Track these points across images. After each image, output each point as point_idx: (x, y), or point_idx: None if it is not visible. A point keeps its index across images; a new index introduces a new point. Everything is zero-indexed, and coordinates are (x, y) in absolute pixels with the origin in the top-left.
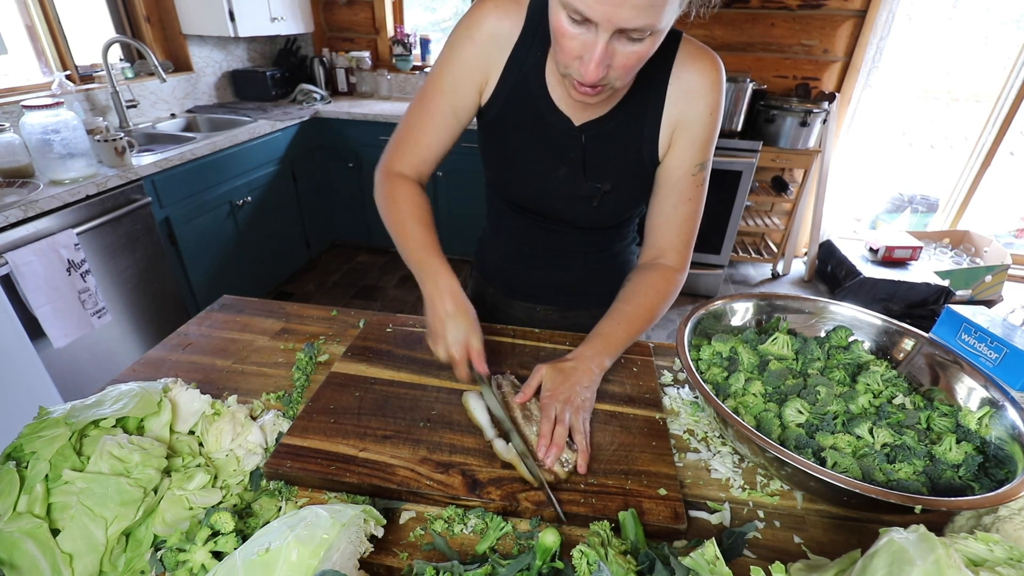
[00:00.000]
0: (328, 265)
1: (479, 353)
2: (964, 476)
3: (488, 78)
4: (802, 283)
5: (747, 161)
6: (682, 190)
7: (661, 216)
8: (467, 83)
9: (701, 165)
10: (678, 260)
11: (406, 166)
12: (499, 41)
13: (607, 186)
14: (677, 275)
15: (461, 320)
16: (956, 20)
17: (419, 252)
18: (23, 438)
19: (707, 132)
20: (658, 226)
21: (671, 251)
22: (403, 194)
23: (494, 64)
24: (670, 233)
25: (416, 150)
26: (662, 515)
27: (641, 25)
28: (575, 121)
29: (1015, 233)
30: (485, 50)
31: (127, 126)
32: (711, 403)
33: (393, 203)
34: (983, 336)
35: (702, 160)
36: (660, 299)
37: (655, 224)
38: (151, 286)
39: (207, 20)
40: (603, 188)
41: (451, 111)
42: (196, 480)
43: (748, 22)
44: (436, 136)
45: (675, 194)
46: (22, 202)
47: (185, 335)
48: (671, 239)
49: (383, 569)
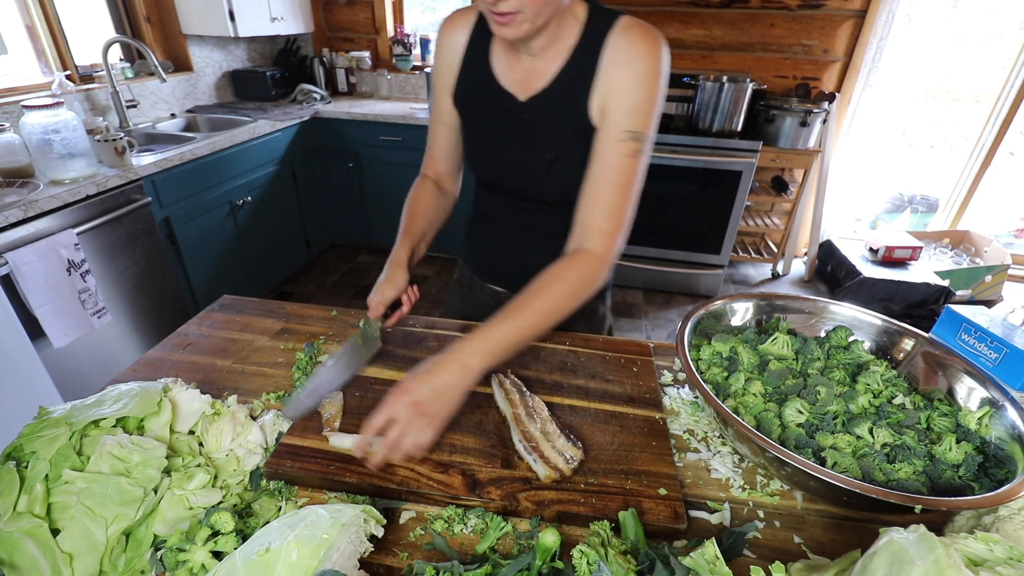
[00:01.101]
0: (328, 265)
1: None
2: (964, 476)
3: (451, 80)
4: (802, 283)
5: (747, 161)
6: (610, 157)
7: (588, 190)
8: (443, 93)
9: (631, 133)
10: (601, 244)
11: (428, 169)
12: (454, 48)
13: (550, 155)
14: (596, 263)
15: (385, 277)
16: (956, 20)
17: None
18: (23, 438)
19: (635, 99)
20: (585, 201)
21: (593, 231)
22: (413, 191)
23: (454, 67)
24: (596, 210)
25: (431, 156)
26: (662, 515)
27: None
28: (520, 97)
29: (1015, 233)
30: (446, 60)
31: (127, 126)
32: (711, 403)
33: (407, 200)
34: (983, 336)
35: (631, 127)
36: (568, 291)
37: (583, 200)
38: (151, 286)
39: (207, 20)
40: (547, 158)
41: (441, 121)
42: (196, 480)
43: (748, 22)
44: (436, 143)
45: (603, 161)
46: (22, 202)
47: (185, 335)
48: (595, 215)
49: (383, 569)
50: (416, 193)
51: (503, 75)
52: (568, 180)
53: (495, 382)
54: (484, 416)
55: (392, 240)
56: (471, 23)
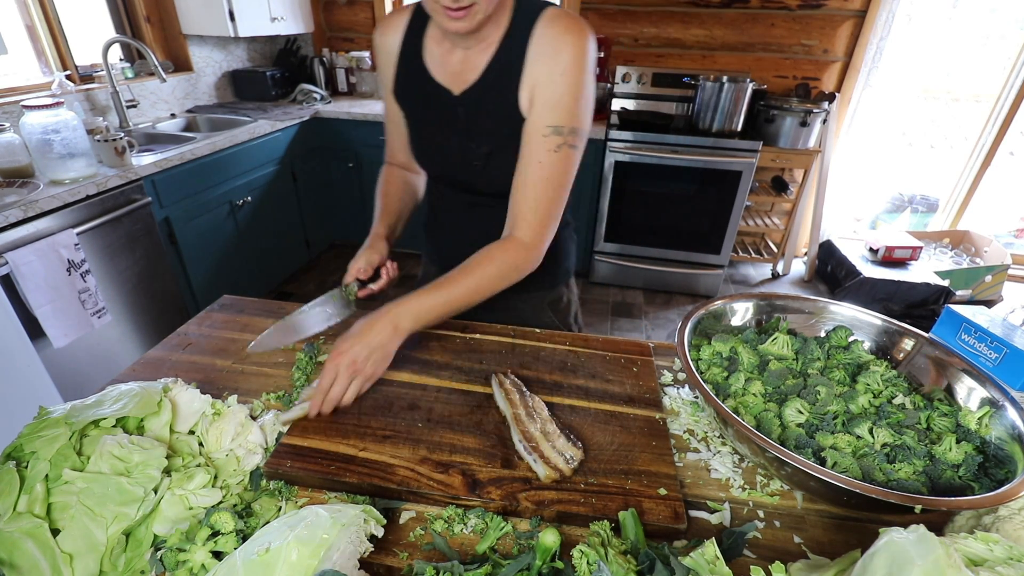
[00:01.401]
0: (328, 265)
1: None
2: (964, 476)
3: (390, 80)
4: (802, 283)
5: (747, 161)
6: (534, 151)
7: (517, 177)
8: (386, 94)
9: (555, 128)
10: (529, 234)
11: (392, 159)
12: (389, 49)
13: (486, 148)
14: (524, 251)
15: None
16: (956, 20)
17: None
18: (23, 438)
19: (558, 93)
20: (514, 191)
21: (522, 221)
22: (382, 177)
23: (391, 67)
24: (524, 200)
25: (392, 149)
26: (662, 515)
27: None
28: (454, 91)
29: (1015, 233)
30: (383, 61)
31: (127, 126)
32: (711, 403)
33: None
34: (983, 336)
35: (555, 123)
36: (495, 271)
37: (514, 187)
38: (151, 286)
39: (207, 20)
40: (484, 150)
41: (389, 118)
42: (196, 480)
43: (748, 22)
44: (393, 137)
45: (528, 155)
46: (22, 202)
47: (185, 335)
48: (523, 207)
49: (383, 569)
50: (385, 178)
51: (437, 70)
52: (506, 172)
53: (495, 382)
54: (484, 416)
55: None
56: (404, 23)
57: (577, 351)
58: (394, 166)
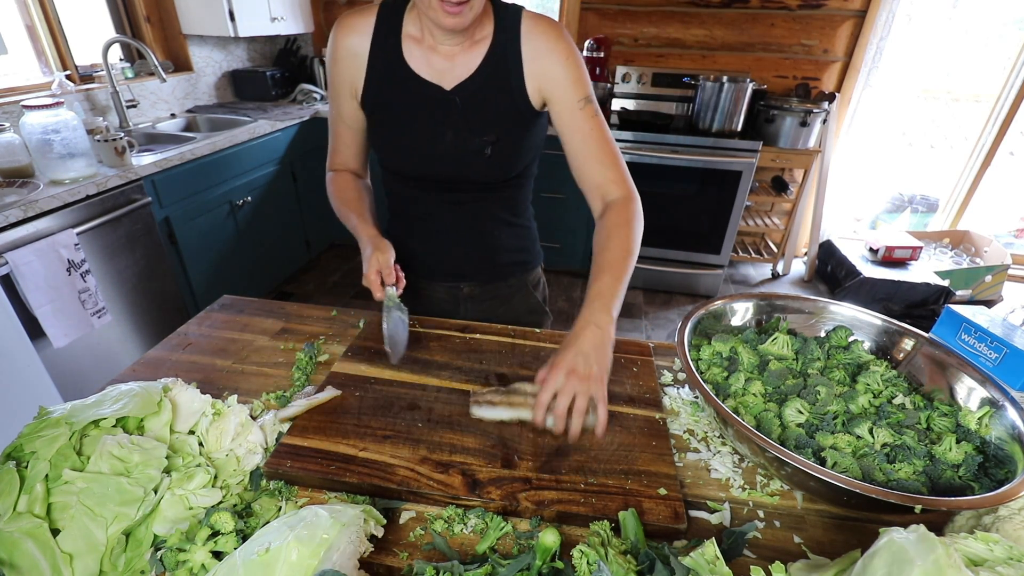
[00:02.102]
0: (328, 265)
1: (386, 266)
2: (964, 476)
3: (356, 83)
4: (802, 283)
5: (747, 161)
6: (580, 125)
7: (579, 158)
8: (343, 95)
9: (585, 99)
10: (622, 189)
11: (337, 165)
12: (355, 50)
13: (492, 137)
14: (630, 203)
15: (373, 248)
16: (956, 20)
17: (350, 219)
18: (23, 438)
19: (571, 72)
20: (581, 168)
21: (610, 184)
22: (337, 183)
23: (358, 69)
24: (596, 168)
25: (337, 154)
26: (662, 515)
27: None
28: (445, 86)
29: (1015, 233)
30: (345, 64)
31: (127, 126)
32: (711, 403)
33: (333, 192)
34: (983, 336)
35: (582, 95)
36: (629, 232)
37: (579, 166)
38: (151, 286)
39: (207, 20)
40: (488, 140)
41: (343, 122)
42: (196, 480)
43: (748, 22)
44: (345, 143)
45: (577, 131)
46: (22, 202)
47: (185, 335)
48: (602, 173)
49: (383, 569)
50: (342, 184)
51: (421, 67)
52: (509, 159)
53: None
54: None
55: None
56: (370, 24)
57: None
58: (341, 172)
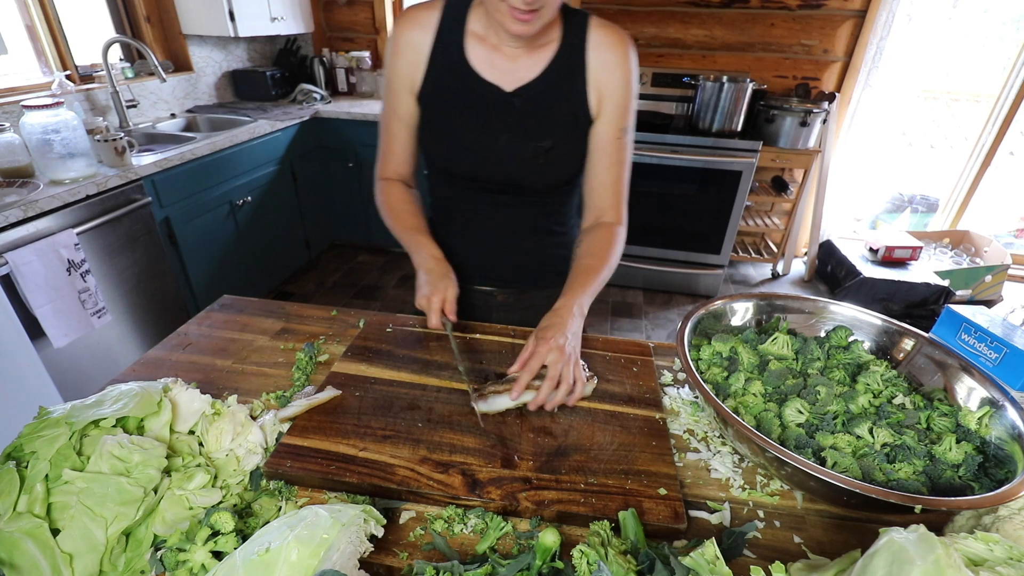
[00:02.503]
0: (328, 265)
1: (451, 302)
2: (964, 476)
3: (416, 79)
4: (802, 283)
5: (747, 161)
6: (611, 153)
7: (597, 179)
8: (402, 93)
9: (624, 129)
10: (616, 216)
11: (389, 172)
12: (416, 46)
13: (548, 143)
14: (619, 228)
15: (439, 275)
16: (956, 20)
17: (408, 234)
18: (23, 438)
19: (626, 98)
20: (595, 188)
21: (609, 209)
22: (391, 195)
23: (419, 65)
24: (606, 193)
25: (390, 159)
26: (662, 515)
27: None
28: (505, 88)
29: (1015, 233)
30: (407, 59)
31: (127, 126)
32: (711, 403)
33: (386, 203)
34: (983, 336)
35: (624, 124)
36: (611, 251)
37: (592, 187)
38: (151, 286)
39: (207, 20)
40: (545, 146)
41: (400, 121)
42: (196, 480)
43: (748, 22)
44: (399, 145)
45: (606, 156)
46: (22, 202)
47: (185, 335)
48: (608, 199)
49: (383, 569)
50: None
51: (483, 68)
52: (563, 167)
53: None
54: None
55: (391, 239)
56: (435, 20)
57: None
58: (394, 182)
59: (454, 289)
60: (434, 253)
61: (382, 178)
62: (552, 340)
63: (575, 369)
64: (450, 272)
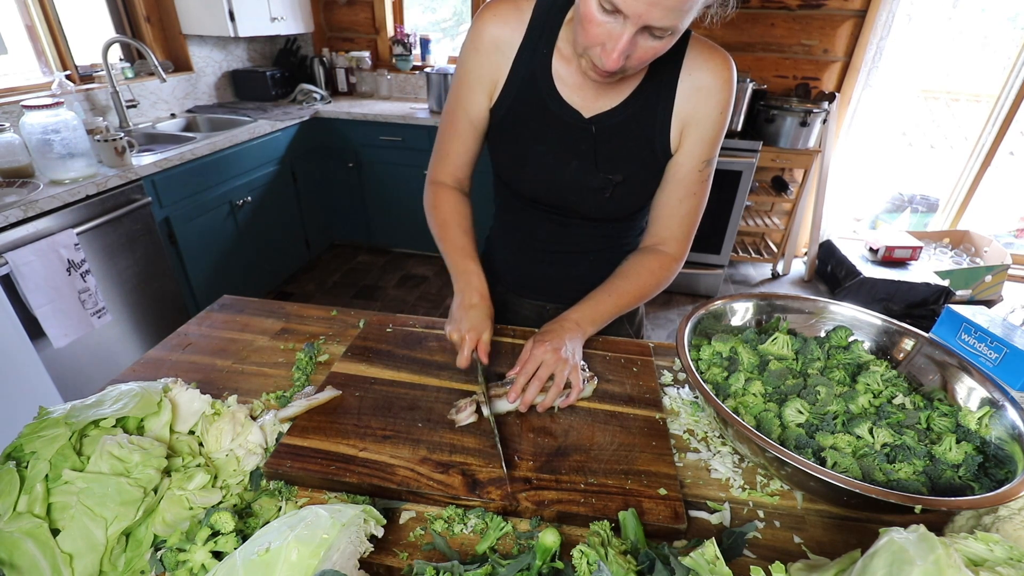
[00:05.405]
0: (328, 265)
1: (485, 344)
2: (964, 476)
3: (496, 82)
4: (802, 283)
5: (747, 161)
6: (688, 185)
7: (666, 208)
8: (478, 92)
9: (708, 161)
10: (678, 249)
11: (445, 175)
12: (502, 46)
13: (619, 177)
14: (674, 263)
15: (481, 313)
16: (956, 20)
17: (456, 255)
18: (23, 438)
19: (716, 130)
20: (662, 216)
21: (672, 240)
22: (444, 201)
23: (501, 68)
24: (673, 224)
25: (448, 160)
26: (662, 515)
27: (667, 25)
28: (584, 114)
29: (1015, 233)
30: (490, 58)
31: (127, 126)
32: (711, 403)
33: (436, 210)
34: (983, 336)
35: (709, 157)
36: (653, 281)
37: (660, 215)
38: (151, 286)
39: (207, 20)
40: (615, 179)
41: (468, 121)
42: (196, 480)
43: (748, 22)
44: (463, 146)
45: (681, 188)
46: (22, 202)
47: (185, 335)
48: (673, 230)
49: (383, 569)
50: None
51: (565, 89)
52: (628, 202)
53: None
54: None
55: (391, 239)
56: (524, 19)
57: None
58: (449, 187)
59: (491, 331)
60: (481, 288)
61: (436, 181)
62: (548, 344)
63: (573, 374)
64: (491, 312)
